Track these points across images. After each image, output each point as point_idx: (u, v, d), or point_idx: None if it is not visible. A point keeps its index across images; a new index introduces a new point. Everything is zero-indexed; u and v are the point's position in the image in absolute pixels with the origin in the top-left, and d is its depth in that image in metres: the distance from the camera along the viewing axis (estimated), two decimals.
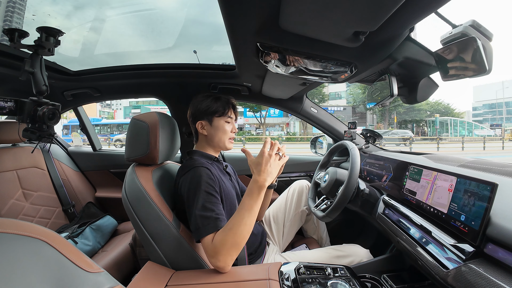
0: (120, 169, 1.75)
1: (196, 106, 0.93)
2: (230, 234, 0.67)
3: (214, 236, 0.69)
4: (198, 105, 0.92)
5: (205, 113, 0.91)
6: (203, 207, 0.72)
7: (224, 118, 0.93)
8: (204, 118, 0.92)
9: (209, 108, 0.91)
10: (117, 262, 1.14)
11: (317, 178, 1.23)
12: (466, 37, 0.60)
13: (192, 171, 0.79)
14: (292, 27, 0.60)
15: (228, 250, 0.67)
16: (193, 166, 0.81)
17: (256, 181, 0.72)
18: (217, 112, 0.91)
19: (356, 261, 0.95)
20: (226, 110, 0.93)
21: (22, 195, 1.33)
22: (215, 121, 0.92)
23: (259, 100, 1.52)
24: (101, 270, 0.46)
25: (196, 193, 0.74)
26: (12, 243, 0.38)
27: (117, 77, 1.37)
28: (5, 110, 0.92)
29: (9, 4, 1.57)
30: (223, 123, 0.93)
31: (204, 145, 0.95)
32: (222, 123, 0.92)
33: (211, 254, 0.68)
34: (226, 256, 0.67)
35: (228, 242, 0.67)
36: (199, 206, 0.72)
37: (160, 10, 3.33)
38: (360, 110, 23.61)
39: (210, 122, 0.92)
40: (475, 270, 0.50)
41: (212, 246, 0.68)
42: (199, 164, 0.81)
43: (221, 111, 0.92)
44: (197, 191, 0.75)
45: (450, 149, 12.92)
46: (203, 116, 0.92)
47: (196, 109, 0.93)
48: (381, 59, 0.81)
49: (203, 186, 0.76)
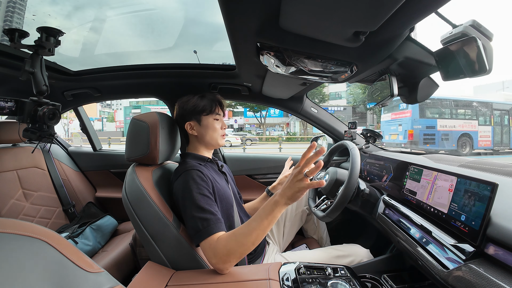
0: (120, 169, 1.75)
1: (182, 107, 0.91)
2: (234, 242, 0.67)
3: (217, 238, 0.69)
4: (184, 106, 0.91)
5: (192, 113, 0.90)
6: (199, 208, 0.72)
7: (213, 115, 0.91)
8: (192, 118, 0.91)
9: (196, 108, 0.90)
10: (117, 262, 1.14)
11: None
12: (466, 37, 0.60)
13: (183, 175, 0.79)
14: (292, 27, 0.60)
15: (228, 257, 0.66)
16: (184, 170, 0.80)
17: (275, 196, 0.66)
18: (204, 110, 0.90)
19: (356, 261, 0.95)
20: (214, 107, 0.91)
21: (22, 195, 1.34)
22: (204, 119, 0.91)
23: (259, 100, 1.52)
24: (101, 270, 0.46)
25: (191, 197, 0.74)
26: (13, 243, 0.38)
27: (117, 77, 1.37)
28: (5, 110, 0.93)
29: (9, 4, 1.57)
30: (212, 120, 0.91)
31: (196, 145, 0.94)
32: (211, 121, 0.91)
33: (211, 256, 0.68)
34: (226, 261, 0.67)
35: (231, 249, 0.66)
36: (194, 209, 0.72)
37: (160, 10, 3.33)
38: (361, 110, 23.58)
39: (199, 122, 0.91)
40: (476, 270, 0.50)
41: (213, 249, 0.67)
42: (190, 167, 0.81)
43: (208, 109, 0.90)
44: (191, 194, 0.74)
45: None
46: (190, 116, 0.90)
47: (182, 110, 0.91)
48: (381, 59, 0.81)
49: (196, 188, 0.75)
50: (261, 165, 1.64)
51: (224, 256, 0.66)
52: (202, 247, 0.70)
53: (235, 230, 0.70)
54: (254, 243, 0.67)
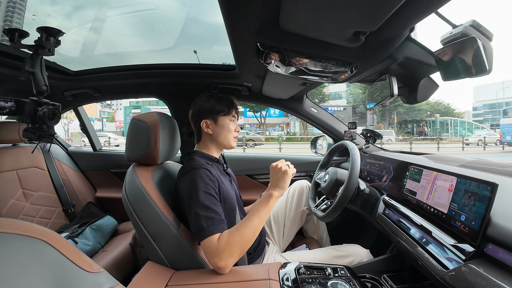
0: (120, 169, 1.75)
1: (200, 105, 0.92)
2: (237, 236, 0.70)
3: (219, 237, 0.69)
4: (203, 104, 0.92)
5: (210, 112, 0.92)
6: (205, 207, 0.73)
7: (229, 117, 0.94)
8: (209, 117, 0.92)
9: (215, 107, 0.91)
10: (117, 262, 1.14)
11: (317, 178, 1.23)
12: (466, 37, 0.60)
13: (191, 172, 0.79)
14: (292, 27, 0.60)
15: (232, 252, 0.68)
16: (193, 168, 0.81)
17: (268, 190, 0.81)
18: (222, 111, 0.92)
19: (356, 261, 0.95)
20: (231, 109, 0.94)
21: (22, 195, 1.34)
22: (220, 119, 0.92)
23: (259, 100, 1.52)
24: (101, 270, 0.46)
25: (197, 194, 0.74)
26: (12, 243, 0.38)
27: (117, 77, 1.37)
28: (5, 110, 0.92)
29: (9, 4, 1.57)
30: (228, 121, 0.93)
31: (208, 144, 0.95)
32: (227, 121, 0.93)
33: (212, 255, 0.68)
34: (228, 257, 0.68)
35: (235, 244, 0.68)
36: (200, 208, 0.72)
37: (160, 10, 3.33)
38: (360, 110, 23.60)
39: (215, 121, 0.92)
40: (475, 270, 0.50)
41: (216, 247, 0.68)
42: (198, 166, 0.81)
43: (226, 110, 0.92)
44: (198, 192, 0.75)
45: (450, 149, 12.92)
46: (208, 115, 0.92)
47: (200, 107, 0.92)
48: (381, 59, 0.81)
49: (203, 187, 0.76)
50: (261, 165, 1.64)
51: (225, 253, 0.67)
52: (203, 246, 0.70)
53: (237, 226, 0.74)
54: (255, 235, 0.74)
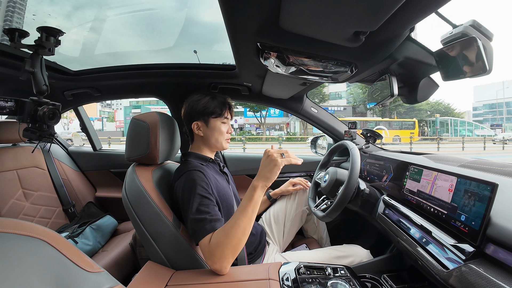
0: (120, 169, 1.75)
1: (192, 106, 0.91)
2: (224, 236, 0.67)
3: (211, 238, 0.69)
4: (194, 105, 0.90)
5: (201, 114, 0.90)
6: (197, 210, 0.72)
7: (221, 119, 0.92)
8: (200, 118, 0.90)
9: (206, 109, 0.89)
10: (117, 262, 1.14)
11: (317, 178, 1.23)
12: (467, 37, 0.60)
13: (185, 175, 0.79)
14: (293, 27, 0.60)
15: (223, 253, 0.66)
16: (186, 170, 0.80)
17: (254, 180, 0.73)
18: (213, 113, 0.90)
19: (356, 261, 0.95)
20: (223, 110, 0.91)
21: (22, 194, 1.34)
22: (212, 122, 0.91)
23: (259, 100, 1.51)
24: (101, 270, 0.46)
25: (190, 198, 0.74)
26: (12, 243, 0.38)
27: (117, 77, 1.37)
28: (5, 110, 0.92)
29: (9, 4, 1.57)
30: (220, 124, 0.92)
31: (200, 145, 0.94)
32: (219, 124, 0.91)
33: (207, 256, 0.68)
34: (221, 259, 0.66)
35: (223, 244, 0.66)
36: (193, 210, 0.72)
37: (160, 10, 3.32)
38: (361, 110, 23.61)
39: (206, 123, 0.91)
40: (476, 270, 0.50)
41: (208, 249, 0.67)
42: (192, 168, 0.81)
43: (218, 112, 0.90)
44: (191, 195, 0.74)
45: (450, 149, 12.91)
46: (199, 116, 0.90)
47: (191, 109, 0.91)
48: (382, 59, 0.81)
49: (197, 189, 0.75)
50: None
51: (217, 253, 0.66)
52: (200, 247, 0.70)
53: (224, 225, 0.71)
54: (244, 233, 0.69)
